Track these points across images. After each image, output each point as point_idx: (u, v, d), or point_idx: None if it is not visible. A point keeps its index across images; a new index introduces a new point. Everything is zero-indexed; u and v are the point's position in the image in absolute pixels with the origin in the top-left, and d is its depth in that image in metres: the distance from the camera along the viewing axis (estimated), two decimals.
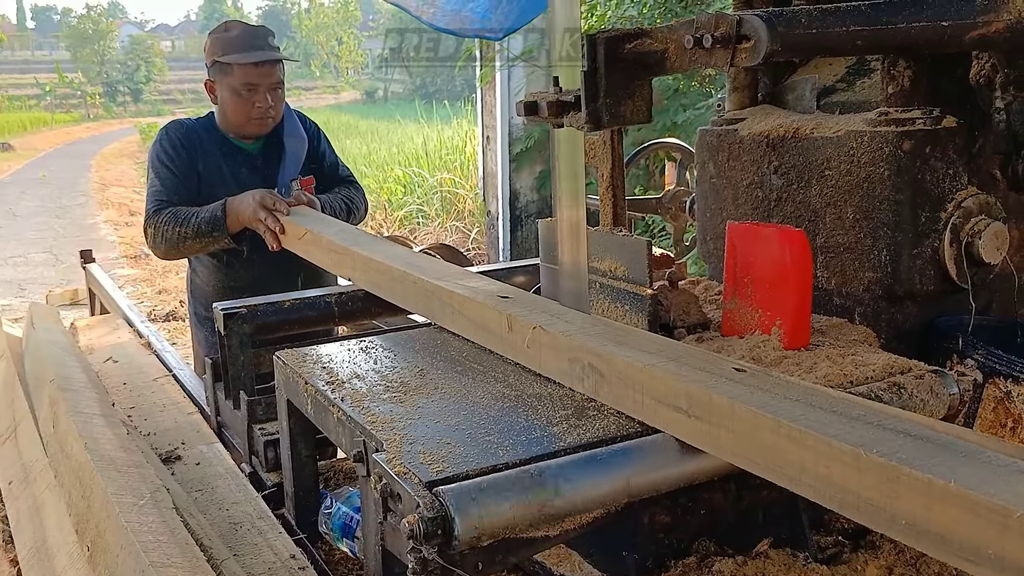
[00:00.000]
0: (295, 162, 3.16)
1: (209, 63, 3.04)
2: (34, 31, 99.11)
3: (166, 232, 2.83)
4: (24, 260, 10.58)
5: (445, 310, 1.83)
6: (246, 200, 2.75)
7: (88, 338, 3.39)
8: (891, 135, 1.67)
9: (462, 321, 1.78)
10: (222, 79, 2.99)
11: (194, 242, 2.84)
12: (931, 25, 1.53)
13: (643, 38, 1.50)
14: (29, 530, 1.88)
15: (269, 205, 2.70)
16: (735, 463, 1.20)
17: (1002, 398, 1.65)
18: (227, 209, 2.78)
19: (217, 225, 2.78)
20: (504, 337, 1.65)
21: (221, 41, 3.00)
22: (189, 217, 2.82)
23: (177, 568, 1.36)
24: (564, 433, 1.35)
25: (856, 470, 1.01)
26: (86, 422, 1.99)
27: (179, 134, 3.05)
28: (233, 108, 3.01)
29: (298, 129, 3.20)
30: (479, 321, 1.72)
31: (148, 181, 3.04)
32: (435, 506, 1.14)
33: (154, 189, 2.97)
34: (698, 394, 1.23)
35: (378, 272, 2.09)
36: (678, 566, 1.45)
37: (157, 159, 3.01)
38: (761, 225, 1.74)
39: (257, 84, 2.96)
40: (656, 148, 2.99)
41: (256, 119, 3.02)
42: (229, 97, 2.99)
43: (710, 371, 1.30)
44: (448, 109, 14.99)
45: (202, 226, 2.79)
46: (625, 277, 1.69)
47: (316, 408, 1.61)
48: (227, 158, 3.07)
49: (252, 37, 3.00)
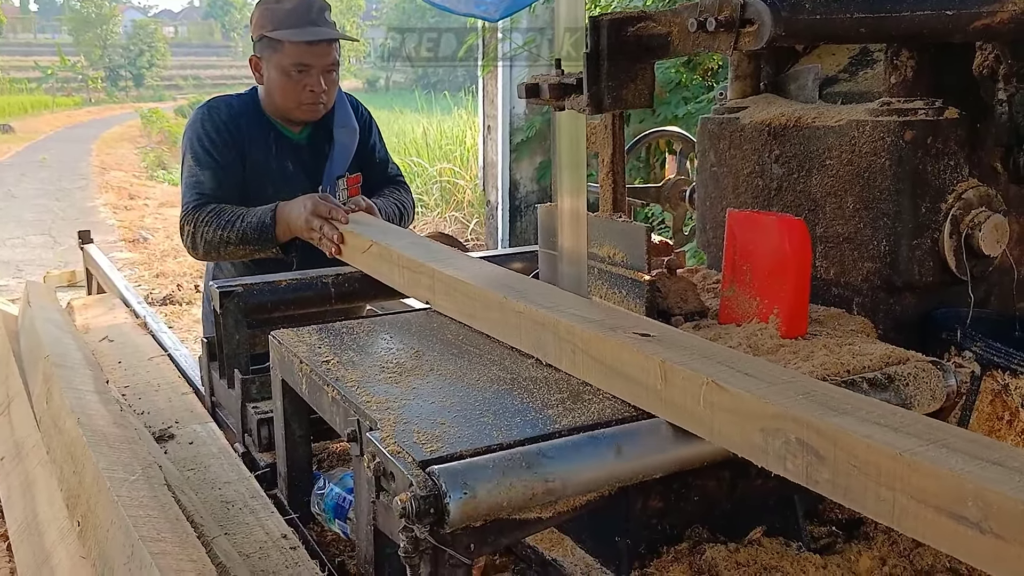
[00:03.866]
0: (344, 157, 2.85)
1: (256, 37, 2.71)
2: (37, 14, 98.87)
3: (206, 233, 2.50)
4: (23, 242, 10.55)
5: (563, 348, 1.50)
6: (297, 206, 2.41)
7: (84, 318, 3.39)
8: (893, 125, 1.67)
9: (588, 363, 1.44)
10: (270, 56, 2.66)
11: (237, 248, 2.51)
12: (935, 14, 1.53)
13: (646, 21, 1.50)
14: (20, 505, 1.88)
15: (324, 213, 2.34)
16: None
17: (999, 391, 1.65)
18: (277, 216, 2.45)
19: (265, 233, 2.45)
20: (656, 390, 1.29)
21: (272, 13, 2.66)
22: (234, 220, 2.49)
23: (166, 543, 1.36)
24: (559, 416, 1.35)
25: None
26: (79, 398, 1.98)
27: (224, 115, 2.71)
28: (281, 90, 2.68)
29: (350, 118, 2.88)
30: (615, 366, 1.38)
31: (185, 168, 2.67)
32: (428, 485, 1.13)
33: (194, 180, 2.63)
34: (997, 501, 0.86)
35: (467, 296, 1.76)
36: (670, 552, 1.45)
37: (198, 143, 2.66)
38: (761, 213, 1.73)
39: (310, 65, 2.64)
40: (657, 136, 2.98)
41: (307, 104, 2.70)
42: (278, 78, 2.66)
43: (1006, 464, 0.93)
44: (448, 100, 14.97)
45: (248, 232, 2.47)
46: (623, 263, 1.69)
47: (311, 388, 1.61)
48: (273, 147, 2.76)
49: (307, 10, 2.65)
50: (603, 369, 1.40)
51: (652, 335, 1.38)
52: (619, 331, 1.40)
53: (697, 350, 1.32)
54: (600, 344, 1.40)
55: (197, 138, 2.66)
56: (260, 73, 2.73)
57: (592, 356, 1.42)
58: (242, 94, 2.82)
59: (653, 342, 1.35)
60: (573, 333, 1.46)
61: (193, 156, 2.65)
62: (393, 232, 2.28)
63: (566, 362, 1.49)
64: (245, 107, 2.76)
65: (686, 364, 1.24)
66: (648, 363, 1.30)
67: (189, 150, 2.67)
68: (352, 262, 2.30)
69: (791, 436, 1.08)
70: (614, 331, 1.40)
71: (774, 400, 1.11)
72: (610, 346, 1.38)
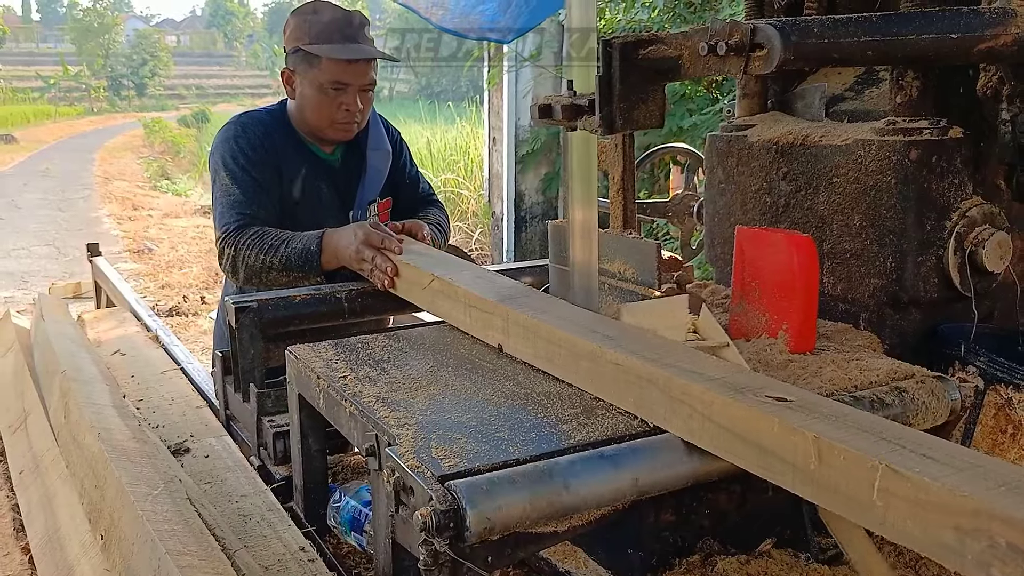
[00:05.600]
0: (377, 181, 2.71)
1: (290, 49, 2.57)
2: (39, 23, 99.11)
3: (248, 258, 2.35)
4: (27, 252, 10.59)
5: (676, 409, 1.29)
6: (347, 235, 2.25)
7: (95, 331, 3.41)
8: (898, 144, 1.70)
9: (711, 430, 1.24)
10: (305, 71, 2.53)
11: (280, 275, 2.35)
12: (940, 37, 1.56)
13: (657, 44, 1.53)
14: (41, 519, 1.91)
15: (376, 242, 2.18)
16: None
17: (1003, 405, 1.68)
18: (324, 243, 2.30)
19: (310, 261, 2.30)
20: (807, 470, 1.09)
21: (309, 26, 2.52)
22: (278, 245, 2.34)
23: (192, 556, 1.38)
24: (573, 431, 1.37)
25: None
26: (98, 413, 2.01)
27: (259, 132, 2.57)
28: (315, 108, 2.55)
29: (383, 140, 2.74)
30: (749, 436, 1.18)
31: (219, 187, 2.51)
32: (448, 499, 1.16)
33: (232, 199, 2.46)
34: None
35: (550, 342, 1.58)
36: (682, 564, 1.47)
37: (233, 161, 2.50)
38: (770, 230, 1.77)
39: (348, 84, 2.51)
40: (664, 152, 3.01)
41: (340, 123, 2.57)
42: (312, 95, 2.53)
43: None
44: (452, 110, 15.01)
45: (292, 259, 2.31)
46: (634, 279, 1.72)
47: (328, 403, 1.64)
48: (305, 168, 2.61)
49: (346, 24, 2.52)
50: (731, 437, 1.20)
51: (790, 399, 1.19)
52: (748, 393, 1.21)
53: (853, 422, 1.12)
54: (728, 410, 1.20)
55: (231, 155, 2.52)
56: (292, 87, 2.60)
57: (717, 423, 1.22)
58: (271, 109, 2.70)
59: (796, 410, 1.16)
60: (690, 394, 1.26)
61: (229, 174, 2.50)
62: (453, 264, 2.10)
63: (678, 424, 1.30)
64: (277, 124, 2.63)
65: (847, 442, 1.04)
66: (797, 438, 1.10)
67: (223, 168, 2.51)
68: (408, 297, 2.14)
69: (999, 539, 0.88)
70: (742, 393, 1.21)
71: (971, 492, 0.90)
72: (742, 413, 1.18)
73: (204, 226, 11.87)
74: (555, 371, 1.58)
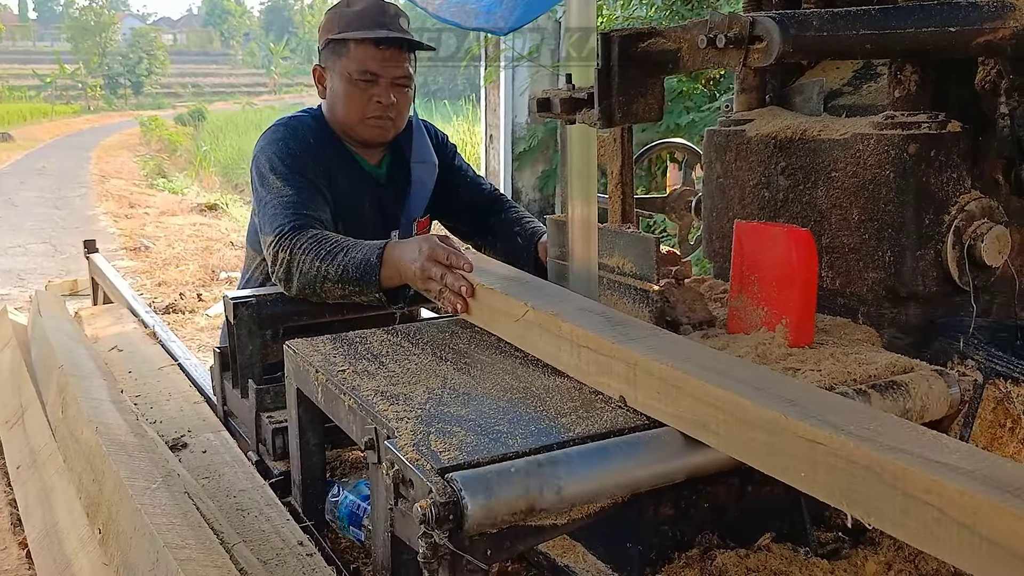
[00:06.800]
0: (422, 197, 2.50)
1: (321, 44, 2.40)
2: (36, 22, 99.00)
3: (303, 264, 2.06)
4: (23, 250, 10.56)
5: (917, 513, 0.95)
6: (411, 249, 1.93)
7: (93, 327, 3.41)
8: (897, 138, 1.70)
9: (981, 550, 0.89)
10: (335, 63, 2.35)
11: (336, 287, 2.05)
12: (939, 31, 1.56)
13: (656, 37, 1.53)
14: (38, 514, 1.91)
15: (443, 259, 1.86)
16: None
17: (1002, 399, 1.68)
18: (385, 256, 1.99)
19: (368, 274, 1.99)
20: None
21: (339, 16, 2.36)
22: (336, 252, 2.04)
23: (191, 550, 1.38)
24: (572, 424, 1.37)
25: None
26: (96, 407, 2.01)
27: (308, 135, 2.37)
28: (345, 101, 2.35)
29: (428, 151, 2.52)
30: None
31: (267, 190, 2.24)
32: (447, 492, 1.16)
33: (285, 199, 2.19)
34: None
35: (703, 402, 1.26)
36: (681, 558, 1.47)
37: (282, 162, 2.27)
38: (768, 224, 1.76)
39: (377, 74, 2.31)
40: (662, 148, 3.01)
41: (372, 118, 2.34)
42: (341, 87, 2.34)
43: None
44: (448, 108, 15.01)
45: (350, 270, 2.01)
46: (632, 273, 1.72)
47: (326, 397, 1.64)
48: (350, 180, 2.40)
49: (379, 13, 2.34)
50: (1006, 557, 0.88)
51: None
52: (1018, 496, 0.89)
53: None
54: (1003, 520, 0.88)
55: (280, 157, 2.28)
56: (323, 86, 2.42)
57: (987, 537, 0.89)
58: (314, 114, 2.46)
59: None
60: (939, 494, 0.93)
61: (279, 176, 2.24)
62: (554, 292, 1.78)
63: (916, 530, 0.96)
64: (322, 129, 2.42)
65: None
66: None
67: (270, 171, 2.26)
68: (489, 326, 1.81)
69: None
70: (1016, 497, 0.89)
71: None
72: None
73: (200, 224, 11.85)
74: (709, 439, 1.26)
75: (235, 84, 56.30)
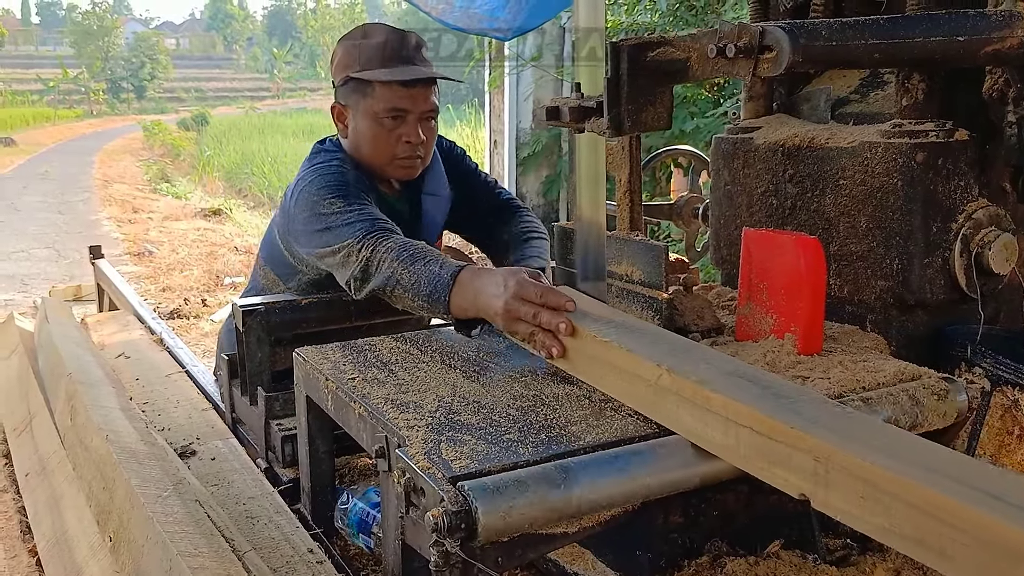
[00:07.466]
0: (434, 226, 2.42)
1: (339, 81, 2.27)
2: (39, 26, 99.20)
3: (383, 263, 1.91)
4: (27, 255, 10.56)
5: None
6: (493, 282, 1.71)
7: (99, 334, 3.42)
8: (904, 147, 1.71)
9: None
10: (358, 102, 2.23)
11: (406, 295, 1.88)
12: (947, 40, 1.57)
13: (665, 47, 1.54)
14: (48, 521, 1.91)
15: (534, 297, 1.64)
16: None
17: (1009, 406, 1.68)
18: (460, 280, 1.79)
19: (437, 291, 1.80)
20: None
21: (358, 51, 2.23)
22: (417, 258, 1.88)
23: (204, 558, 1.39)
24: (583, 433, 1.38)
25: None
26: (105, 415, 2.02)
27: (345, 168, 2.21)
28: (372, 142, 2.23)
29: (441, 183, 2.44)
30: None
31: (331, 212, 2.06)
32: (459, 500, 1.17)
33: (357, 213, 2.05)
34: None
35: (934, 518, 0.96)
36: (691, 566, 1.47)
37: (338, 189, 2.12)
38: (777, 232, 1.77)
39: (406, 111, 2.20)
40: (668, 155, 3.02)
41: (402, 159, 2.24)
42: (368, 127, 2.22)
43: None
44: (452, 113, 15.01)
45: (422, 282, 1.84)
46: (641, 281, 1.73)
47: (336, 405, 1.64)
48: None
49: (400, 46, 2.22)
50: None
51: None
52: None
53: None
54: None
55: (336, 183, 2.14)
56: (344, 124, 2.29)
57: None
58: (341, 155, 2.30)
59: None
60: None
61: (339, 197, 2.10)
62: (678, 344, 1.51)
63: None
64: (350, 163, 2.27)
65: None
66: None
67: (324, 200, 2.10)
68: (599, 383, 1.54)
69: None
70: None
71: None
72: None
73: (204, 229, 11.85)
74: (942, 566, 0.96)
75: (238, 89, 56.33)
